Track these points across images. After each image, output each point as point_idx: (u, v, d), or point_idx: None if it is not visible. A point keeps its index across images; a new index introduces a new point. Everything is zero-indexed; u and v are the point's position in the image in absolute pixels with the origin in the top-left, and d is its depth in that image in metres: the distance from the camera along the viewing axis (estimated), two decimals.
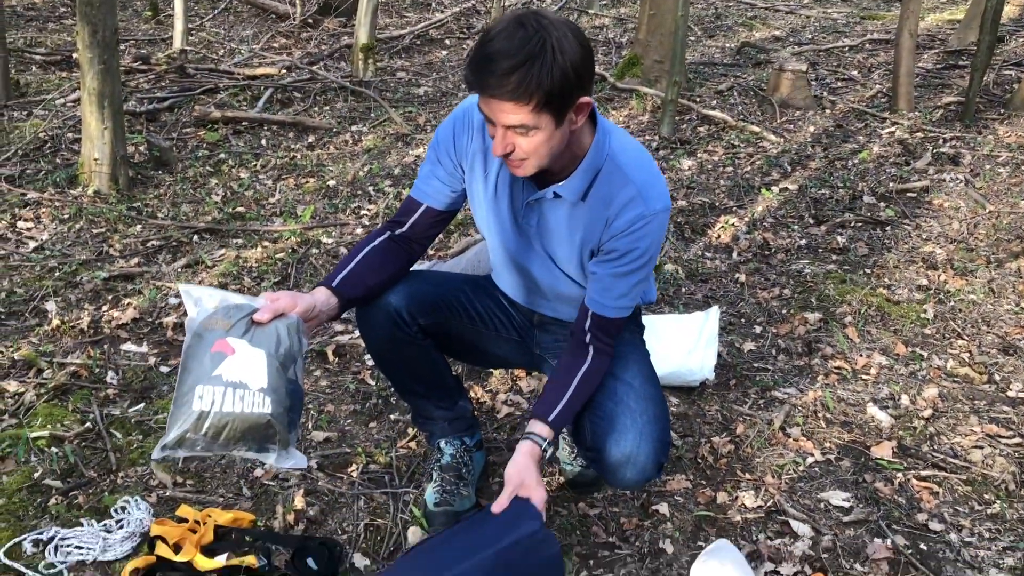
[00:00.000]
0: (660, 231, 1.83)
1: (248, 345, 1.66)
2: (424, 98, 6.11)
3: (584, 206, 1.83)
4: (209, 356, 1.64)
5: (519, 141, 1.66)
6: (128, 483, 2.33)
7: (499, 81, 1.56)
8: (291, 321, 1.73)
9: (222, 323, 1.67)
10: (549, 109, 1.61)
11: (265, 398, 1.64)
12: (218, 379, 1.62)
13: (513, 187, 1.90)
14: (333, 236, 3.85)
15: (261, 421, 1.63)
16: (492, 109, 1.62)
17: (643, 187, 1.79)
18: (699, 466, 2.46)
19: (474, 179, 1.95)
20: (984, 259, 3.69)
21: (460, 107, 1.94)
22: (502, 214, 1.95)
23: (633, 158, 1.82)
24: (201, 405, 1.61)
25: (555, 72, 1.56)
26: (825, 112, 5.89)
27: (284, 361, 1.68)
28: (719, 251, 3.84)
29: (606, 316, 1.90)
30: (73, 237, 3.72)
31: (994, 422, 2.64)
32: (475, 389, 2.79)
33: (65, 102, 5.33)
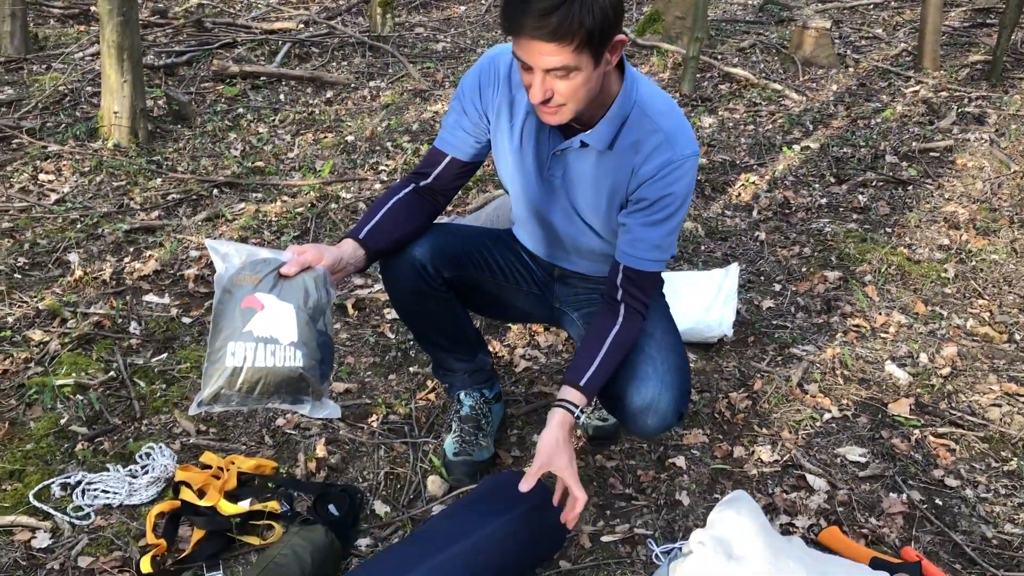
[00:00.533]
0: (690, 177, 1.82)
1: (277, 300, 1.68)
2: (442, 54, 6.06)
3: (611, 155, 1.83)
4: (239, 312, 1.66)
5: (558, 85, 1.64)
6: (152, 430, 2.37)
7: (540, 22, 1.54)
8: (318, 274, 1.74)
9: (250, 279, 1.69)
10: (589, 48, 1.60)
11: (296, 351, 1.66)
12: (249, 335, 1.65)
13: (539, 138, 1.89)
14: (352, 191, 3.86)
15: (293, 375, 1.66)
16: (531, 52, 1.60)
17: (671, 133, 1.78)
18: (716, 421, 2.47)
19: (499, 130, 1.95)
20: (1007, 219, 3.65)
21: (485, 57, 1.93)
22: (527, 165, 1.94)
23: (661, 105, 1.81)
24: (234, 361, 1.64)
25: (595, 9, 1.56)
26: (848, 70, 5.80)
27: (313, 314, 1.71)
28: (739, 209, 3.82)
29: (638, 269, 1.89)
30: (94, 190, 3.74)
31: (1013, 381, 2.64)
32: (493, 343, 2.80)
33: (84, 55, 5.33)
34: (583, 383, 1.86)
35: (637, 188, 1.84)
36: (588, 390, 1.87)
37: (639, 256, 1.88)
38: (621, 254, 1.91)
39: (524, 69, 1.66)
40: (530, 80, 1.66)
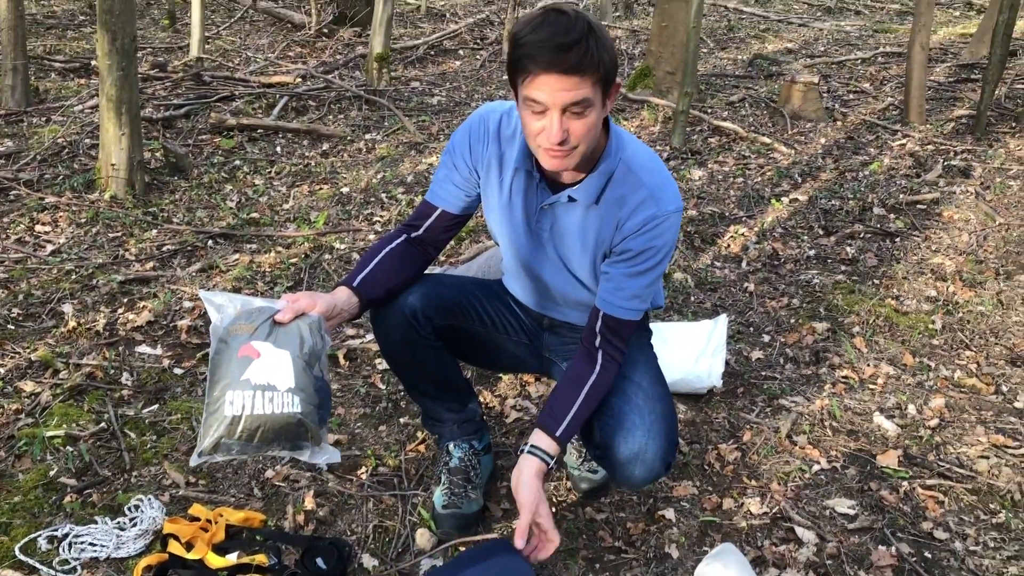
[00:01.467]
0: (673, 232, 1.86)
1: (272, 347, 1.70)
2: (437, 107, 6.16)
3: (597, 209, 1.87)
4: (236, 361, 1.68)
5: (573, 125, 1.67)
6: (141, 482, 2.36)
7: (562, 56, 1.59)
8: (312, 320, 1.77)
9: (246, 328, 1.72)
10: (603, 85, 1.66)
11: (294, 397, 1.68)
12: (247, 383, 1.67)
13: (527, 192, 1.93)
14: (346, 242, 3.89)
15: (292, 420, 1.68)
16: (552, 88, 1.63)
17: (655, 189, 1.82)
18: (706, 472, 2.48)
19: (489, 184, 1.99)
20: (993, 271, 3.69)
21: (476, 114, 1.98)
22: (515, 219, 1.98)
23: (645, 161, 1.86)
24: (233, 410, 1.66)
25: (608, 47, 1.64)
26: (836, 124, 5.90)
27: (309, 360, 1.73)
28: (728, 260, 3.86)
29: (617, 317, 1.92)
30: (90, 241, 3.77)
31: (1001, 432, 2.65)
32: (484, 394, 2.81)
33: (83, 108, 5.40)
34: (558, 433, 1.89)
35: (622, 241, 1.87)
36: (562, 440, 1.89)
37: (619, 304, 1.92)
38: (602, 301, 1.94)
39: (536, 113, 1.67)
40: (542, 124, 1.68)
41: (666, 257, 1.89)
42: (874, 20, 10.03)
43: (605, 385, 1.94)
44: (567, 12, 1.62)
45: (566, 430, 1.89)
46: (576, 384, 1.92)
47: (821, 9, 10.81)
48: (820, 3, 11.12)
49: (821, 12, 10.61)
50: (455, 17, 9.60)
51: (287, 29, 8.50)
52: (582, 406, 1.90)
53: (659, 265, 1.89)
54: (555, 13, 1.62)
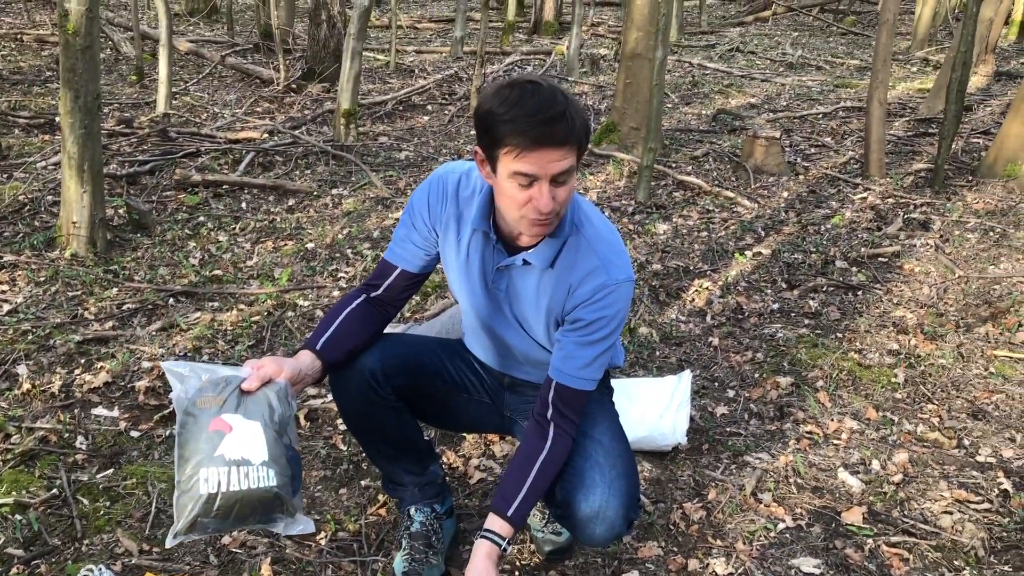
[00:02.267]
0: (624, 302, 1.86)
1: (243, 419, 1.68)
2: (405, 162, 6.19)
3: (551, 273, 1.88)
4: (207, 436, 1.65)
5: (559, 192, 1.70)
6: (93, 551, 2.30)
7: (550, 129, 1.62)
8: (279, 387, 1.75)
9: (214, 400, 1.68)
10: (580, 152, 1.70)
11: (268, 471, 1.66)
12: (220, 459, 1.64)
13: (484, 253, 1.94)
14: (310, 299, 3.87)
15: (269, 495, 1.65)
16: (542, 161, 1.64)
17: (605, 258, 1.84)
18: (671, 532, 2.45)
19: (447, 244, 1.99)
20: (953, 324, 3.74)
21: (435, 174, 1.99)
22: (473, 279, 1.98)
23: (598, 229, 1.87)
24: (208, 487, 1.62)
25: (582, 113, 1.68)
26: (799, 178, 6.00)
27: (279, 429, 1.71)
28: (693, 315, 3.87)
29: (570, 386, 1.90)
30: (48, 300, 3.71)
31: (963, 487, 2.66)
32: (448, 454, 2.78)
33: (47, 165, 5.36)
34: (510, 514, 1.87)
35: (573, 309, 1.88)
36: (515, 521, 1.87)
37: (571, 373, 1.90)
38: (554, 370, 1.93)
39: (524, 186, 1.68)
40: (529, 194, 1.69)
41: (618, 327, 1.90)
42: (835, 75, 10.27)
43: (558, 460, 1.91)
44: (543, 84, 1.65)
45: (517, 510, 1.87)
46: (527, 461, 1.90)
47: (783, 65, 11.05)
48: (782, 59, 11.38)
49: (783, 68, 10.85)
50: (424, 73, 9.70)
51: (255, 84, 8.54)
52: (533, 484, 1.88)
53: (611, 335, 1.89)
54: (532, 86, 1.65)
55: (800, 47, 12.55)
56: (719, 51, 11.97)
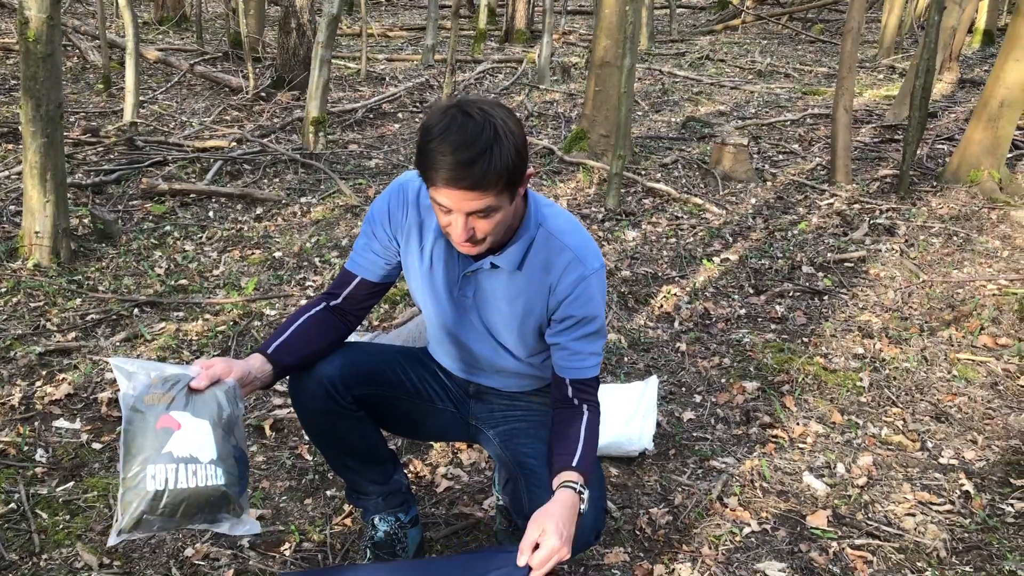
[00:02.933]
0: (602, 286, 1.91)
1: (192, 417, 1.66)
2: (375, 170, 6.17)
3: (521, 275, 1.88)
4: (154, 433, 1.63)
5: (479, 224, 1.70)
6: (52, 566, 2.26)
7: (462, 173, 1.59)
8: (228, 386, 1.74)
9: (163, 397, 1.66)
10: (508, 188, 1.67)
11: (216, 469, 1.64)
12: (168, 456, 1.61)
13: (448, 260, 1.93)
14: (277, 308, 3.84)
15: (216, 493, 1.63)
16: (453, 199, 1.64)
17: (578, 250, 1.86)
18: (637, 538, 2.45)
19: (409, 253, 1.98)
20: (918, 328, 3.78)
21: (395, 182, 1.98)
22: (437, 287, 1.97)
23: (564, 224, 1.89)
24: (155, 484, 1.60)
25: (512, 152, 1.62)
26: (766, 184, 6.05)
27: (227, 428, 1.69)
28: (661, 320, 3.89)
29: (583, 378, 1.94)
30: (9, 311, 3.65)
31: (926, 489, 2.68)
32: (415, 463, 2.77)
33: (9, 175, 5.29)
34: (576, 463, 1.85)
35: (558, 307, 1.88)
36: (582, 468, 1.84)
37: (580, 367, 1.93)
38: (563, 369, 1.94)
39: (443, 212, 1.70)
40: (449, 220, 1.70)
41: (603, 309, 1.93)
42: (803, 83, 10.37)
43: (596, 425, 1.94)
44: (473, 116, 1.61)
45: (581, 460, 1.86)
46: (570, 426, 1.92)
47: (753, 72, 11.15)
48: (751, 67, 11.47)
49: (752, 75, 10.94)
50: (395, 81, 9.69)
51: (224, 93, 8.48)
52: (586, 440, 1.89)
53: (599, 318, 1.92)
54: (462, 117, 1.61)
55: (769, 55, 12.67)
56: (689, 59, 12.06)
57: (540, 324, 1.94)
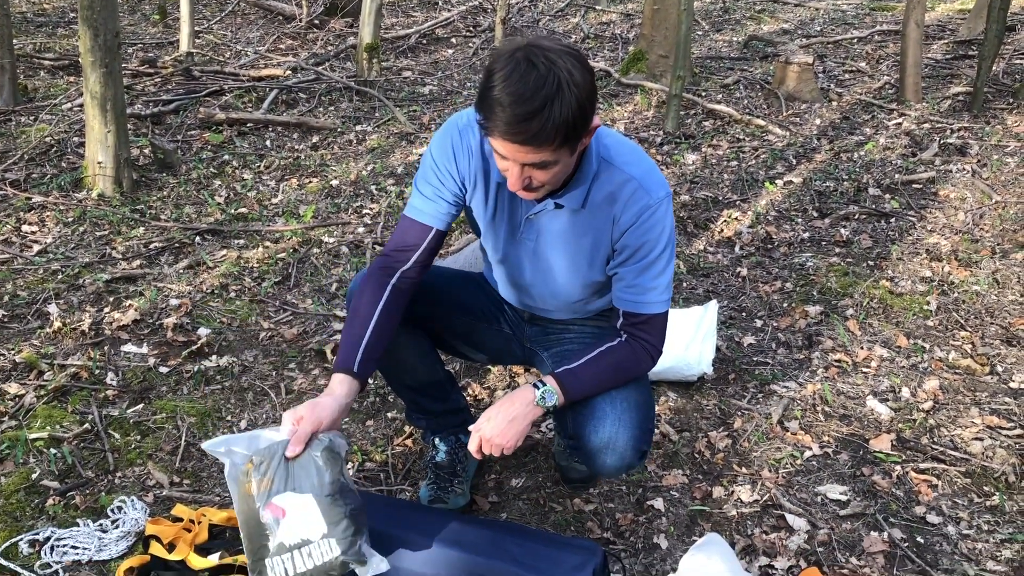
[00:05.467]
0: (667, 219, 1.82)
1: (294, 496, 1.66)
2: (429, 96, 6.11)
3: (585, 212, 1.83)
4: (260, 525, 1.66)
5: (535, 174, 1.65)
6: (125, 483, 2.34)
7: (519, 127, 1.53)
8: (323, 445, 1.70)
9: (263, 483, 1.66)
10: (568, 144, 1.60)
11: (330, 542, 1.66)
12: (281, 547, 1.65)
13: (512, 203, 1.89)
14: (335, 235, 3.86)
15: (335, 563, 1.66)
16: (509, 151, 1.59)
17: (642, 179, 1.79)
18: (696, 461, 2.45)
19: (475, 199, 1.93)
20: (989, 250, 3.65)
21: (454, 126, 1.88)
22: (501, 232, 1.94)
23: (627, 154, 1.82)
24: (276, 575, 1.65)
25: (573, 108, 1.54)
26: (832, 104, 5.84)
27: (331, 491, 1.68)
28: (721, 245, 3.82)
29: (638, 312, 1.88)
30: (76, 240, 3.74)
31: (995, 414, 2.62)
32: (473, 386, 2.79)
33: (72, 106, 5.37)
34: (559, 371, 1.86)
35: (620, 237, 1.83)
36: (561, 377, 1.84)
37: (635, 299, 1.88)
38: (618, 300, 1.91)
39: (500, 158, 1.65)
40: (506, 166, 1.65)
41: (669, 244, 1.84)
42: None
43: (624, 355, 1.88)
44: (538, 66, 1.51)
45: (567, 371, 1.85)
46: (593, 349, 1.89)
47: None
48: None
49: None
50: (448, 5, 9.53)
51: (278, 21, 8.45)
52: (591, 360, 1.86)
53: (663, 254, 1.84)
54: (526, 65, 1.52)
55: None
56: None
57: (607, 256, 1.89)
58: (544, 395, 1.83)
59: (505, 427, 1.81)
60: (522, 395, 1.85)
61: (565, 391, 1.84)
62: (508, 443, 1.82)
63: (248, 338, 3.06)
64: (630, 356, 1.89)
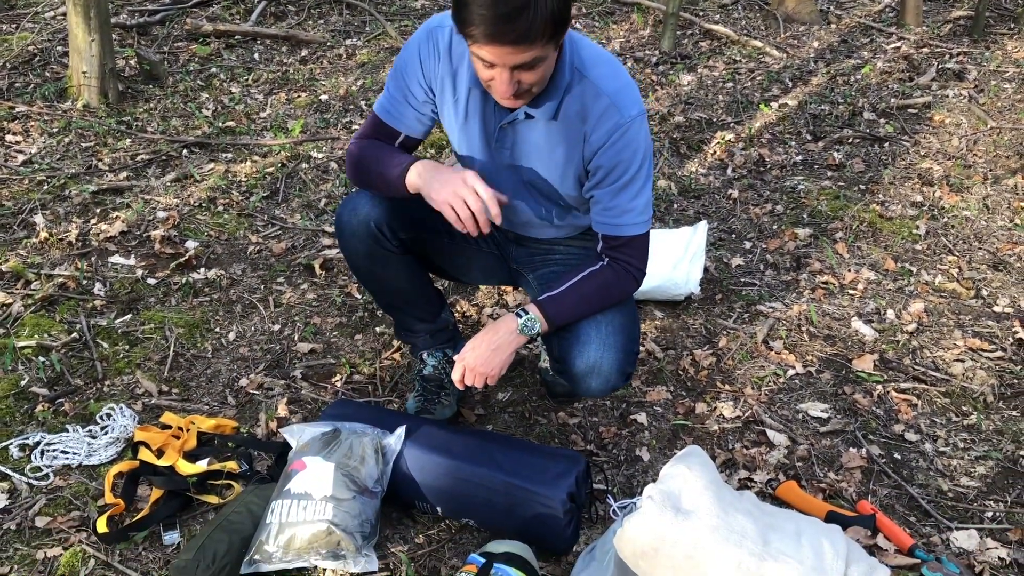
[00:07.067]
0: (641, 136, 1.79)
1: (320, 460, 1.82)
2: (421, 11, 5.98)
3: (558, 124, 1.80)
4: (285, 475, 1.83)
5: (524, 76, 1.62)
6: (114, 391, 2.36)
7: (505, 27, 1.49)
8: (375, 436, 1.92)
9: (304, 446, 1.88)
10: (555, 36, 1.57)
11: (327, 505, 1.76)
12: (287, 493, 1.79)
13: (485, 110, 1.85)
14: (323, 151, 3.82)
15: (321, 528, 1.74)
16: (496, 55, 1.55)
17: (615, 95, 1.75)
18: (680, 378, 2.48)
19: (444, 104, 1.90)
20: (981, 176, 3.64)
21: (423, 29, 1.86)
22: (473, 138, 1.90)
23: (602, 67, 1.78)
24: (272, 518, 1.77)
25: (557, 2, 1.51)
26: (831, 27, 5.74)
27: (353, 473, 1.82)
28: (714, 167, 3.79)
29: (616, 235, 1.87)
30: (62, 151, 3.69)
31: (978, 336, 2.64)
32: (461, 303, 2.79)
33: (55, 14, 5.24)
34: (541, 298, 1.88)
35: (592, 157, 1.81)
36: (543, 304, 1.86)
37: (613, 223, 1.87)
38: (596, 224, 1.90)
39: (485, 66, 1.61)
40: (491, 75, 1.61)
41: (645, 162, 1.82)
42: None
43: (607, 279, 1.89)
44: None
45: (549, 299, 1.87)
46: (572, 273, 1.90)
47: None
48: None
49: None
50: None
51: None
52: (574, 286, 1.88)
53: (639, 173, 1.82)
54: None
55: None
56: None
57: (579, 175, 1.87)
58: (527, 323, 1.85)
59: (489, 355, 1.86)
60: (505, 324, 1.87)
61: (548, 318, 1.86)
62: (492, 371, 1.86)
63: (236, 251, 3.05)
64: (613, 280, 1.89)
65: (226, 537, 1.77)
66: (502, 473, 1.86)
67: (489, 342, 1.86)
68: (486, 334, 1.88)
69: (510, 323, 1.86)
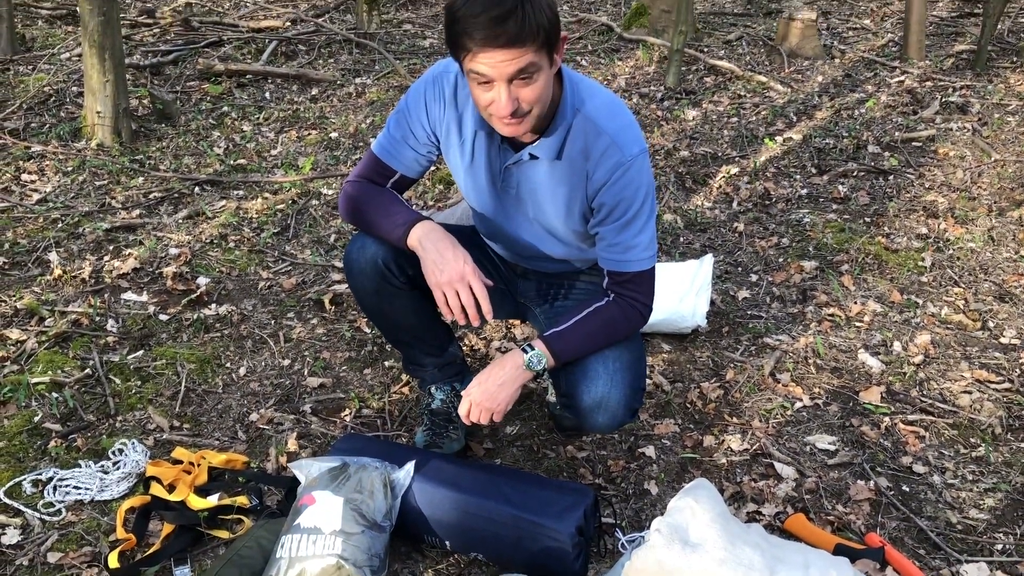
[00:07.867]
0: (643, 175, 1.83)
1: (329, 494, 1.83)
2: (429, 50, 6.07)
3: (561, 164, 1.84)
4: (294, 509, 1.84)
5: (523, 92, 1.65)
6: (126, 427, 2.38)
7: (498, 29, 1.55)
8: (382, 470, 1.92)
9: (312, 481, 1.89)
10: (547, 46, 1.62)
11: (336, 540, 1.77)
12: (297, 527, 1.79)
13: (490, 153, 1.89)
14: (333, 187, 3.87)
15: (331, 562, 1.74)
16: (493, 62, 1.59)
17: (616, 134, 1.79)
18: (688, 411, 2.49)
19: (450, 147, 1.94)
20: (986, 208, 3.66)
21: (429, 75, 1.91)
22: (480, 180, 1.95)
23: (603, 106, 1.81)
24: (282, 552, 1.78)
25: (544, 8, 1.59)
26: (834, 61, 5.81)
27: (362, 507, 1.82)
28: (719, 201, 3.83)
29: (622, 271, 1.90)
30: (76, 189, 3.75)
31: (985, 368, 2.65)
32: (469, 337, 2.82)
33: (70, 56, 5.34)
34: (547, 334, 1.90)
35: (595, 195, 1.84)
36: (549, 340, 1.88)
37: (618, 259, 1.90)
38: (602, 260, 1.93)
39: (482, 84, 1.64)
40: (491, 96, 1.65)
41: (647, 201, 1.85)
42: None
43: (612, 315, 1.90)
44: None
45: (555, 334, 1.89)
46: (581, 310, 1.92)
47: None
48: None
49: None
50: None
51: None
52: (580, 322, 1.89)
53: (641, 210, 1.85)
54: None
55: None
56: None
57: (584, 212, 1.91)
58: (532, 359, 1.88)
59: (494, 391, 1.88)
60: (511, 359, 1.89)
61: (554, 354, 1.88)
62: (498, 407, 1.88)
63: (247, 287, 3.09)
64: (619, 315, 1.92)
65: (237, 572, 1.78)
66: (510, 507, 1.87)
67: (495, 378, 1.88)
68: (492, 370, 1.90)
69: (516, 359, 1.89)
